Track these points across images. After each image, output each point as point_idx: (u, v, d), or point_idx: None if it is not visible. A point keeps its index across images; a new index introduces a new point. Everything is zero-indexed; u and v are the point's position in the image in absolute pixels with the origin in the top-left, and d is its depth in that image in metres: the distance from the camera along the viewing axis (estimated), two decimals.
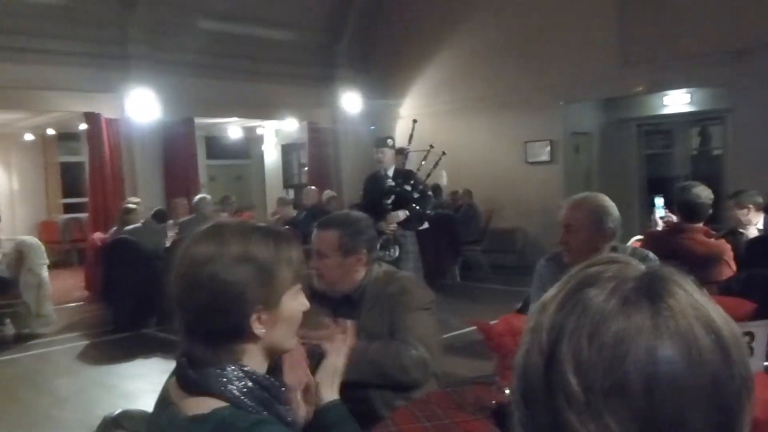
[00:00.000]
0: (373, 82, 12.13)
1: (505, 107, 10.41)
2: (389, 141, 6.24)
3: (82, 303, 8.28)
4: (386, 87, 12.19)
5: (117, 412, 1.56)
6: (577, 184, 9.61)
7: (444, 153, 7.04)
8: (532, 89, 10.02)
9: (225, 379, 1.19)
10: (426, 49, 11.51)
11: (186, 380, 1.22)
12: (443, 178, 6.34)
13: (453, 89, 11.10)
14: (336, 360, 1.58)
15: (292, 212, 9.04)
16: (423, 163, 7.00)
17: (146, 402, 3.58)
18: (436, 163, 7.02)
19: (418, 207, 5.94)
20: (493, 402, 1.74)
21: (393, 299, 2.26)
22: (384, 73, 12.23)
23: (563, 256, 2.51)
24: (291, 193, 13.04)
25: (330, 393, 1.53)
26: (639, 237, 4.69)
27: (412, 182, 6.03)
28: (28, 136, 12.28)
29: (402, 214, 5.91)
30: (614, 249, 2.48)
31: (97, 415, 4.38)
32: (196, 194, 10.28)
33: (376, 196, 6.07)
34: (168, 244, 7.14)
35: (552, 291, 0.63)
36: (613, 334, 0.57)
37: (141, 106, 9.54)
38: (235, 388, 1.19)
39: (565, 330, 0.58)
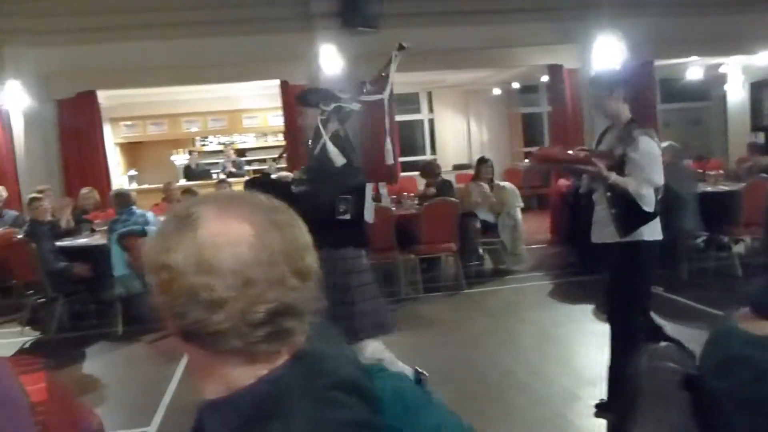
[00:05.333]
0: None
1: None
2: (312, 97, 3.82)
3: (546, 245, 8.93)
4: None
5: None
6: None
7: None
8: None
9: None
10: None
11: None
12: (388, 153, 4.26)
13: None
14: None
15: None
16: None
17: (603, 342, 3.73)
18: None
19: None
20: None
21: None
22: None
23: None
24: (761, 137, 11.66)
25: None
26: None
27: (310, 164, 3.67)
28: (496, 91, 13.59)
29: None
30: None
31: (577, 351, 4.72)
32: None
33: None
34: None
35: None
36: None
37: (604, 53, 9.61)
38: None
39: None
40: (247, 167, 12.77)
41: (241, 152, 13.14)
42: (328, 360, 0.88)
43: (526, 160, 5.92)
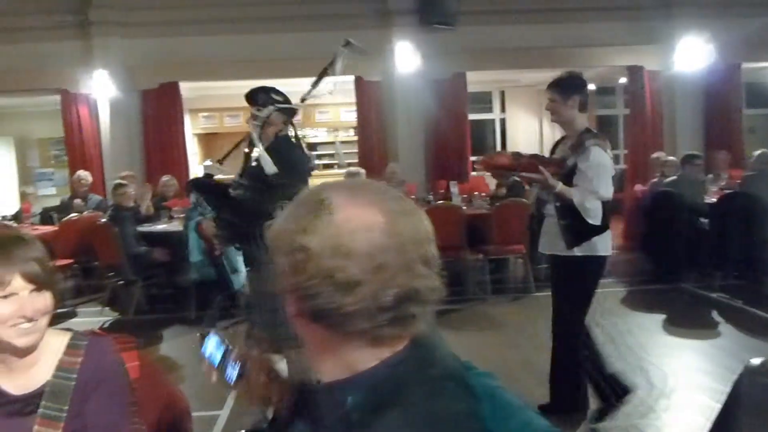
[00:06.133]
0: None
1: None
2: (272, 96, 3.91)
3: (618, 251, 8.69)
4: None
5: (759, 360, 1.62)
6: None
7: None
8: None
9: None
10: None
11: None
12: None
13: None
14: None
15: None
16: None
17: (678, 354, 3.64)
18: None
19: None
20: None
21: None
22: None
23: None
24: None
25: None
26: None
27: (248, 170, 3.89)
28: None
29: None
30: None
31: (649, 362, 4.56)
32: (737, 146, 9.64)
33: None
34: (713, 198, 6.92)
35: None
36: None
37: (688, 55, 9.28)
38: None
39: None
40: (317, 161, 12.94)
41: (312, 146, 13.31)
42: (440, 350, 0.90)
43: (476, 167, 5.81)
